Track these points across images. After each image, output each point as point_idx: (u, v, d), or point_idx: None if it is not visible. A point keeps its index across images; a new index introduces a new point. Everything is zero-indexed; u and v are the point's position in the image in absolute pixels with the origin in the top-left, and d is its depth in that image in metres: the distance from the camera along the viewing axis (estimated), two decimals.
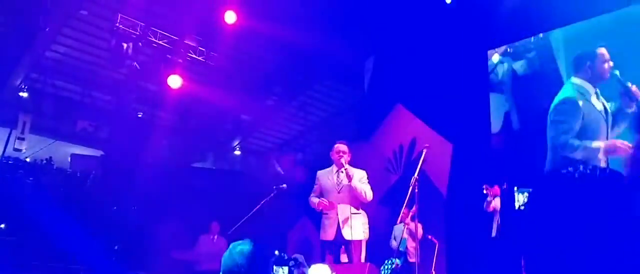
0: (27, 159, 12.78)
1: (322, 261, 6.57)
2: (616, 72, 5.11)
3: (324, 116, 14.59)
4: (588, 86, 5.18)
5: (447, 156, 9.07)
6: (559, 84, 7.98)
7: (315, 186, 6.55)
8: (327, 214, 6.33)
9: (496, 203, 7.76)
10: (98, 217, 11.14)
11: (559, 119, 5.06)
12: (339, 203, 6.26)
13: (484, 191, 7.76)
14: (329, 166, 6.57)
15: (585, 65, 5.21)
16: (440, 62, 9.17)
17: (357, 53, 11.15)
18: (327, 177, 6.45)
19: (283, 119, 14.66)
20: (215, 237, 10.26)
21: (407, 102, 10.07)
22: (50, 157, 12.45)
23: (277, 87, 13.29)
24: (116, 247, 10.91)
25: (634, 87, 5.03)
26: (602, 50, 5.23)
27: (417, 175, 6.14)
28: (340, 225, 6.21)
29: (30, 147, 13.11)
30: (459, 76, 9.02)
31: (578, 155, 4.59)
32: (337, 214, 6.23)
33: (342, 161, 6.31)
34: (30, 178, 11.94)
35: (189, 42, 11.10)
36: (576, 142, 4.76)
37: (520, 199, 6.40)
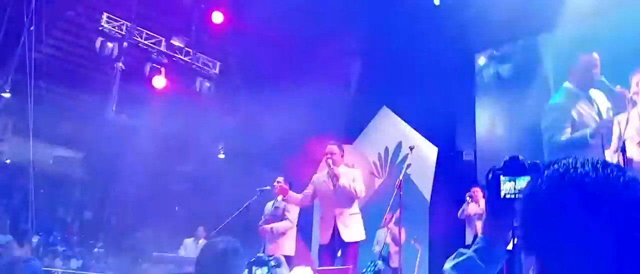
0: (8, 161, 12.58)
1: (323, 263, 6.48)
2: (602, 78, 5.10)
3: (310, 118, 14.48)
4: (577, 91, 5.21)
5: (432, 159, 9.03)
6: (545, 88, 7.97)
7: (307, 187, 6.52)
8: (323, 217, 6.33)
9: (472, 208, 7.63)
10: (80, 220, 11.01)
11: (549, 124, 5.08)
12: (335, 205, 6.22)
13: (467, 199, 7.67)
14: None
15: (572, 71, 5.25)
16: (427, 65, 9.14)
17: (344, 55, 11.10)
18: (321, 180, 6.42)
19: (269, 122, 14.53)
20: (201, 241, 10.13)
21: (394, 105, 10.04)
22: (33, 160, 12.24)
23: (263, 89, 13.19)
24: (96, 250, 10.77)
25: (620, 88, 5.01)
26: (587, 57, 5.22)
27: (402, 178, 6.10)
28: (337, 227, 6.17)
29: (11, 149, 12.91)
30: (446, 79, 8.99)
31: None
32: (334, 217, 6.19)
33: (329, 162, 6.28)
34: (12, 181, 11.75)
35: (175, 43, 10.99)
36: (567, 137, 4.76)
37: (507, 187, 6.32)
